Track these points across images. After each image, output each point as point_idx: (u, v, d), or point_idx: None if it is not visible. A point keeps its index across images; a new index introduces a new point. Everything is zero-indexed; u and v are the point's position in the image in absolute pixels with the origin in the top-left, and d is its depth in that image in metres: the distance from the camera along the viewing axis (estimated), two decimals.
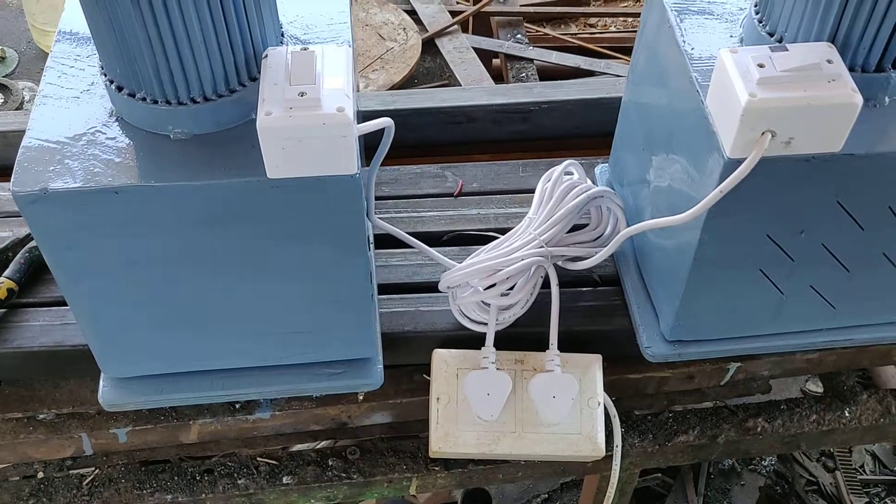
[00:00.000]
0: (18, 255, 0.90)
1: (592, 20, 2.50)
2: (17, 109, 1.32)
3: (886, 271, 0.79)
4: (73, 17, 0.76)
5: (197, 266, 0.71)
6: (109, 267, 0.70)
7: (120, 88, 0.67)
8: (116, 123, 0.68)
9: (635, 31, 0.87)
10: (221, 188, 0.65)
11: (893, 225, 0.74)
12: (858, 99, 0.63)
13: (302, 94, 0.62)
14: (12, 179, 0.64)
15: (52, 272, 0.71)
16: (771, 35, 0.72)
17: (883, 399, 0.98)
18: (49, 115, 0.69)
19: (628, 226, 0.89)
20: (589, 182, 0.90)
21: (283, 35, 0.72)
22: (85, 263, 0.70)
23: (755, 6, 0.74)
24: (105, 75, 0.68)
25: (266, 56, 0.65)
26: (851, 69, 0.68)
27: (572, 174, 0.91)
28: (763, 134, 0.64)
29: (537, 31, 2.28)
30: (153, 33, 0.61)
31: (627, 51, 2.12)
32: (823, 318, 0.84)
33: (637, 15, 2.27)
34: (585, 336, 0.89)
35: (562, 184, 0.89)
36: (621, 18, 2.42)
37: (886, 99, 0.71)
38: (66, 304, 0.83)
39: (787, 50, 0.66)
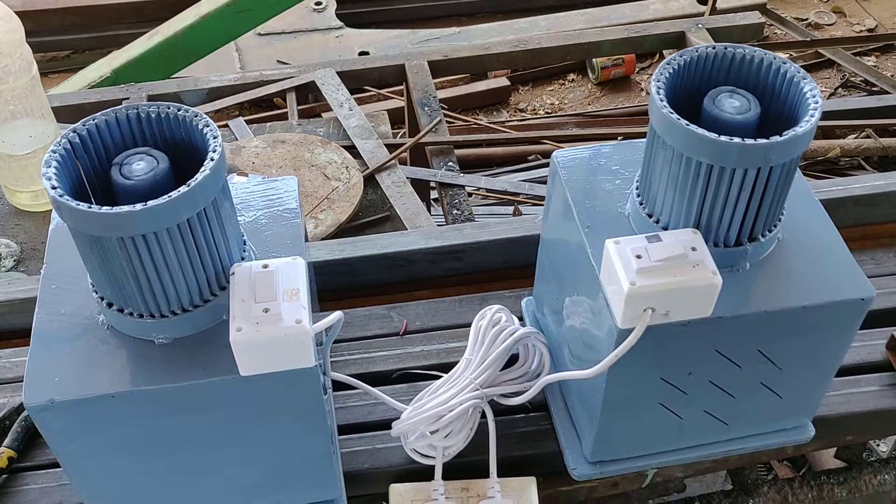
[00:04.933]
0: (15, 424, 1.01)
1: (522, 105, 2.68)
2: None
3: (764, 395, 0.94)
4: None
5: (180, 445, 0.83)
6: (104, 451, 0.82)
7: (110, 305, 0.79)
8: (108, 332, 0.81)
9: (564, 115, 1.00)
10: (202, 387, 0.77)
11: (763, 362, 0.89)
12: (718, 280, 0.78)
13: (266, 311, 0.75)
14: (24, 392, 0.76)
15: (56, 459, 0.83)
16: (650, 216, 0.87)
17: (781, 489, 1.13)
18: (48, 328, 0.81)
19: (552, 359, 1.04)
20: (516, 322, 1.05)
21: (244, 242, 0.85)
22: (84, 451, 0.82)
23: (637, 189, 0.89)
24: (96, 292, 0.80)
25: (233, 273, 0.78)
26: (716, 244, 0.84)
27: (502, 315, 1.05)
28: (645, 310, 0.79)
29: (475, 120, 2.45)
30: (139, 270, 0.74)
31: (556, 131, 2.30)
32: (719, 432, 0.98)
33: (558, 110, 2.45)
34: (521, 460, 1.02)
35: (493, 326, 1.03)
36: (549, 102, 2.61)
37: (747, 264, 0.86)
38: (60, 466, 0.94)
39: (660, 240, 0.80)
